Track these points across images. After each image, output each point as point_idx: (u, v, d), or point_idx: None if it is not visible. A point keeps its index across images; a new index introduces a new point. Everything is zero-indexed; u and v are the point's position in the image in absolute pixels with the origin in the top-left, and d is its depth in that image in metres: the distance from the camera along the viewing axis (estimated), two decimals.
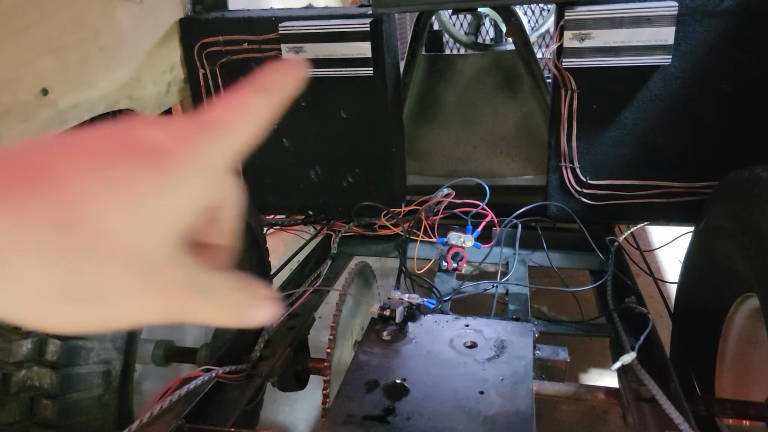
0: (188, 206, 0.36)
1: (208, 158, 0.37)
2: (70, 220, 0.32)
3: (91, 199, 0.33)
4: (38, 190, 0.32)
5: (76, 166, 0.33)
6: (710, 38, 1.68)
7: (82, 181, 0.33)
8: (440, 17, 2.88)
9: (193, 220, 0.37)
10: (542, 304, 2.54)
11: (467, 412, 1.23)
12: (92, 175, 0.33)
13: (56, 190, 0.32)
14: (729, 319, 1.56)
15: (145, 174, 0.34)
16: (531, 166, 2.29)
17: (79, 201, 0.32)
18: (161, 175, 0.35)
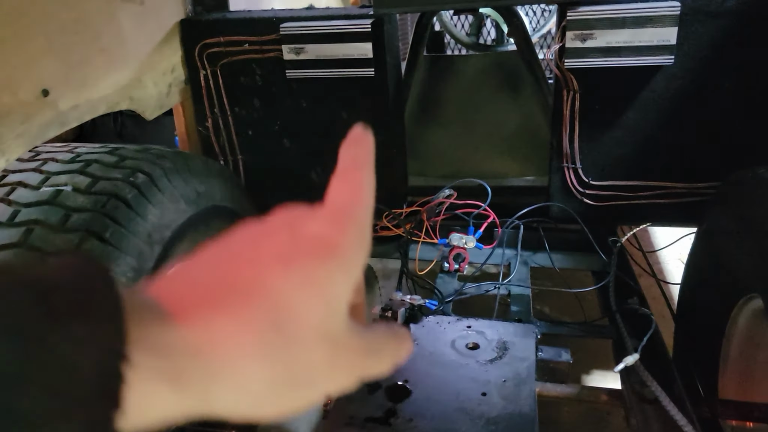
0: (353, 282, 0.42)
1: (358, 238, 0.42)
2: (279, 319, 0.38)
3: (291, 296, 0.38)
4: (250, 298, 0.37)
5: (271, 271, 0.39)
6: (713, 38, 1.67)
7: (281, 283, 0.38)
8: (441, 18, 2.88)
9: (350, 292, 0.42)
10: (544, 306, 2.53)
11: (469, 413, 1.22)
12: (287, 276, 0.38)
13: (264, 295, 0.38)
14: (732, 320, 1.55)
15: (323, 264, 0.40)
16: (533, 166, 2.28)
17: (283, 301, 0.38)
18: (335, 263, 0.40)
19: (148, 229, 1.38)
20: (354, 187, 0.45)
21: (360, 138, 0.48)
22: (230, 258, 0.40)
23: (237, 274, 0.39)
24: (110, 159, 1.46)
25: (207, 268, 0.40)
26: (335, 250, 0.40)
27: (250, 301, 0.37)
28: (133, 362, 0.33)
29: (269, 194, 2.14)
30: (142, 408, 0.35)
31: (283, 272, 0.39)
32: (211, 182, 1.62)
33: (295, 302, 0.38)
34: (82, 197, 1.33)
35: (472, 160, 2.34)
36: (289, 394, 0.39)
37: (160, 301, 0.37)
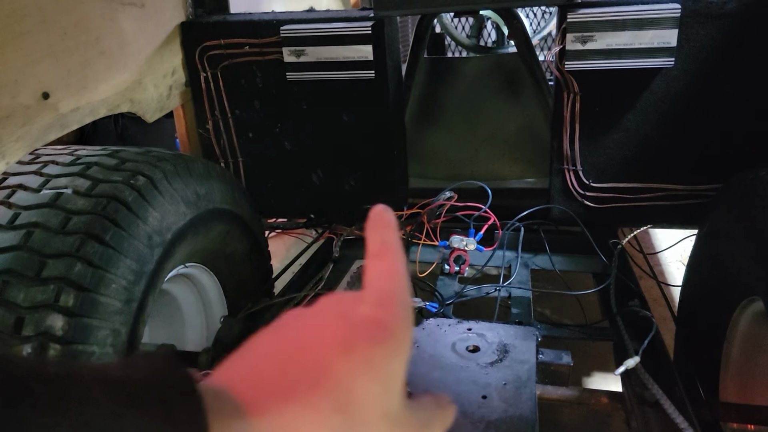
0: (406, 360, 0.44)
1: (405, 317, 0.45)
2: (344, 404, 0.40)
3: (354, 381, 0.40)
4: (317, 386, 0.40)
5: (334, 358, 0.41)
6: (713, 41, 1.67)
7: (343, 370, 0.40)
8: (442, 20, 2.88)
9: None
10: (545, 308, 2.52)
11: (470, 416, 1.22)
12: (348, 362, 0.41)
13: (329, 383, 0.40)
14: (733, 322, 1.55)
15: (380, 347, 0.42)
16: (533, 169, 2.28)
17: (347, 386, 0.40)
18: (389, 344, 0.42)
19: (148, 231, 1.38)
20: (391, 270, 0.47)
21: (383, 219, 0.50)
22: (291, 348, 0.43)
23: (301, 363, 0.41)
24: (110, 161, 1.46)
25: (270, 359, 0.42)
26: (388, 332, 0.43)
27: (317, 389, 0.40)
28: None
29: (270, 197, 2.14)
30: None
31: (345, 358, 0.41)
32: (211, 185, 1.62)
33: (358, 386, 0.40)
34: (82, 200, 1.33)
35: (472, 162, 2.34)
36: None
37: (232, 394, 0.39)
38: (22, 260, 1.21)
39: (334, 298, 0.46)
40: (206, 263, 1.72)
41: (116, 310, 1.28)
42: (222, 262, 1.77)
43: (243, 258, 1.85)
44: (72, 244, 1.24)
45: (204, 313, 1.79)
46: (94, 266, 1.24)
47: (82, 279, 1.22)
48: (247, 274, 1.89)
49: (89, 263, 1.23)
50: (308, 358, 0.41)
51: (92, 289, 1.23)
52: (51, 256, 1.22)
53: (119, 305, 1.29)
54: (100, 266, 1.25)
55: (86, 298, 1.21)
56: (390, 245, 0.48)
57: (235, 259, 1.82)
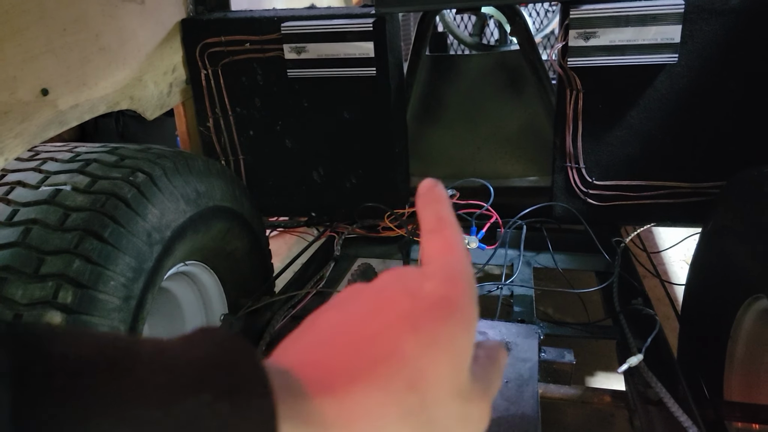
0: (473, 334, 0.43)
1: (471, 292, 0.44)
2: (415, 382, 0.39)
3: (423, 359, 0.39)
4: (386, 365, 0.39)
5: (402, 336, 0.40)
6: (717, 37, 1.66)
7: (412, 347, 0.39)
8: (444, 18, 2.87)
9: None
10: (547, 306, 2.51)
11: None
12: (417, 339, 0.40)
13: (398, 361, 0.39)
14: (738, 320, 1.54)
15: (447, 323, 0.41)
16: (536, 166, 2.27)
17: (416, 364, 0.39)
18: (456, 320, 0.41)
19: (147, 228, 1.37)
20: (451, 244, 0.46)
21: (434, 193, 0.49)
22: (355, 325, 0.42)
23: (367, 341, 0.40)
24: (110, 158, 1.46)
25: (333, 337, 0.41)
26: (456, 309, 0.42)
27: (386, 367, 0.39)
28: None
29: (270, 194, 2.13)
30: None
31: (413, 337, 0.40)
32: (211, 182, 1.61)
33: (428, 364, 0.40)
34: (81, 196, 1.32)
35: (474, 160, 2.33)
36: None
37: (296, 374, 0.38)
38: (21, 257, 1.20)
39: (397, 273, 0.45)
40: (206, 261, 1.71)
41: (115, 307, 1.27)
42: (222, 260, 1.76)
43: (243, 256, 1.84)
44: (71, 240, 1.23)
45: (204, 311, 1.78)
46: (92, 263, 1.23)
47: (81, 276, 1.21)
48: (248, 273, 1.88)
49: (88, 260, 1.23)
50: (374, 336, 0.41)
51: (91, 286, 1.22)
52: (49, 253, 1.22)
53: (118, 302, 1.28)
54: (98, 263, 1.24)
55: (85, 295, 1.21)
56: (445, 219, 0.48)
57: (236, 257, 1.81)
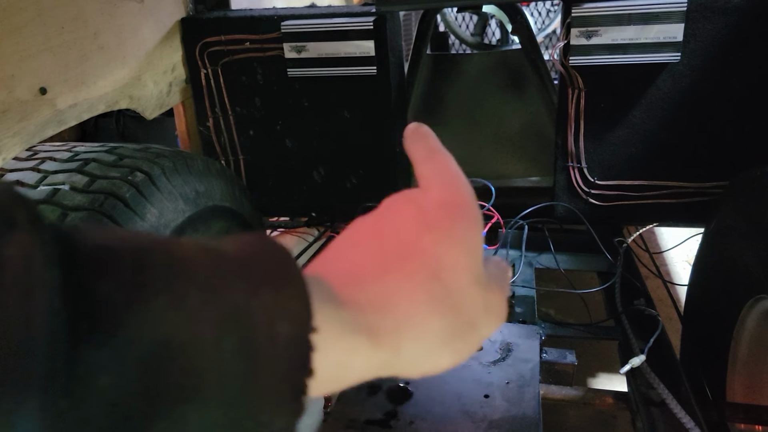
0: (481, 232, 0.46)
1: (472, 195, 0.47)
2: (436, 271, 0.42)
3: (440, 251, 0.42)
4: (408, 259, 0.42)
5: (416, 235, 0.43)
6: (720, 35, 1.65)
7: (428, 243, 0.43)
8: (445, 18, 2.86)
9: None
10: (549, 307, 2.50)
11: (471, 416, 1.20)
12: (431, 236, 0.43)
13: (418, 254, 0.42)
14: (740, 321, 1.53)
15: (456, 221, 0.44)
16: (538, 166, 2.26)
17: (434, 256, 0.42)
18: (464, 218, 0.45)
19: (146, 228, 1.36)
20: (444, 164, 0.49)
21: (419, 131, 0.52)
22: (372, 236, 0.45)
23: (386, 245, 0.43)
24: (108, 158, 1.45)
25: (353, 249, 0.44)
26: (460, 208, 0.45)
27: (408, 261, 0.42)
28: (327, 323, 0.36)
29: (271, 194, 2.12)
30: (345, 364, 0.38)
31: (428, 233, 0.43)
32: (211, 182, 1.60)
33: (445, 255, 0.42)
34: (80, 196, 1.31)
35: (475, 159, 2.32)
36: (460, 339, 0.42)
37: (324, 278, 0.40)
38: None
39: (398, 194, 0.48)
40: None
41: None
42: None
43: None
44: None
45: None
46: None
47: None
48: None
49: None
50: (390, 240, 0.44)
51: None
52: None
53: None
54: None
55: None
56: (435, 149, 0.50)
57: None
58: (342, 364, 0.38)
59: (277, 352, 0.33)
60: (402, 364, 0.41)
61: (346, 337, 0.38)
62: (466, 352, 0.44)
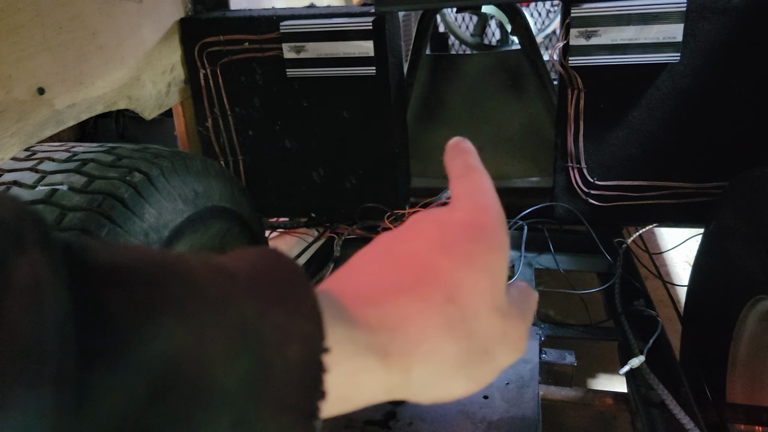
0: (506, 257, 0.45)
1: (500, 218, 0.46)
2: (453, 294, 0.41)
3: (458, 274, 0.41)
4: (425, 281, 0.41)
5: (436, 256, 0.42)
6: (720, 35, 1.65)
7: (447, 265, 0.41)
8: (445, 18, 2.86)
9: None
10: (549, 308, 2.50)
11: (471, 417, 1.20)
12: (450, 258, 0.42)
13: (435, 277, 0.41)
14: (740, 322, 1.53)
15: (478, 244, 0.43)
16: (537, 167, 2.26)
17: (452, 279, 0.41)
18: (487, 241, 0.44)
19: (144, 228, 1.36)
20: (479, 184, 0.48)
21: (461, 146, 0.52)
22: (390, 256, 0.44)
23: (403, 265, 0.42)
24: (107, 158, 1.45)
25: (371, 268, 0.43)
26: (484, 231, 0.44)
27: (424, 282, 0.41)
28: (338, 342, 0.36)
29: (270, 195, 2.12)
30: (355, 385, 0.37)
31: (446, 256, 0.42)
32: (210, 182, 1.60)
33: (462, 278, 0.41)
34: (78, 196, 1.31)
35: None
36: (474, 367, 0.41)
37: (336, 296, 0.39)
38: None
39: (426, 211, 0.47)
40: None
41: None
42: None
43: None
44: None
45: None
46: None
47: None
48: None
49: None
50: (410, 261, 0.42)
51: None
52: None
53: None
54: None
55: None
56: (473, 166, 0.50)
57: None
58: (352, 385, 0.37)
59: (289, 372, 0.33)
60: (413, 387, 0.40)
61: (358, 358, 0.37)
62: (482, 381, 0.43)
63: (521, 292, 0.49)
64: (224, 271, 0.34)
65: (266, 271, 0.35)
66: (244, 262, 0.35)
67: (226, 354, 0.31)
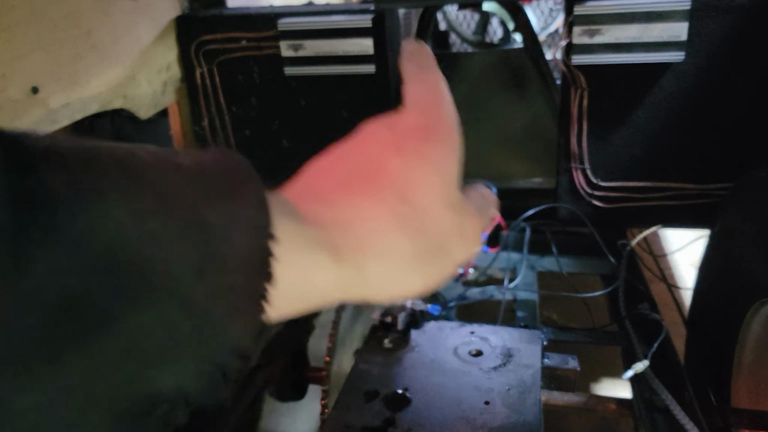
0: (457, 156, 0.47)
1: (450, 119, 0.48)
2: (405, 192, 0.42)
3: (409, 173, 0.43)
4: (376, 180, 0.42)
5: (387, 156, 0.44)
6: (725, 35, 1.63)
7: (398, 164, 0.43)
8: (447, 16, 2.84)
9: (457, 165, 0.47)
10: (552, 311, 2.48)
11: (471, 423, 1.18)
12: (401, 158, 0.43)
13: (386, 176, 0.42)
14: (746, 325, 1.51)
15: (428, 143, 0.45)
16: (540, 167, 2.24)
17: (404, 177, 0.42)
18: (438, 140, 0.45)
19: None
20: (431, 85, 0.49)
21: (417, 49, 0.52)
22: (343, 159, 0.45)
23: (357, 166, 0.44)
24: None
25: (323, 172, 0.45)
26: (435, 131, 0.46)
27: (376, 182, 0.42)
28: (287, 235, 0.36)
29: None
30: (306, 279, 0.37)
31: (397, 156, 0.43)
32: None
33: (414, 177, 0.43)
34: None
35: (476, 160, 2.28)
36: (430, 263, 0.42)
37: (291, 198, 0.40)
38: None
39: (375, 119, 0.48)
40: None
41: None
42: None
43: None
44: None
45: None
46: None
47: None
48: None
49: None
50: (361, 162, 0.44)
51: None
52: None
53: None
54: None
55: None
56: (427, 68, 0.50)
57: None
58: (304, 279, 0.37)
59: (235, 257, 0.33)
60: (368, 284, 0.40)
61: (308, 251, 0.37)
62: (438, 276, 0.44)
63: (481, 193, 0.51)
64: (169, 161, 0.33)
65: (213, 164, 0.35)
66: (191, 156, 0.35)
67: (171, 237, 0.30)
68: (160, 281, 0.29)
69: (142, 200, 0.30)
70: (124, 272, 0.28)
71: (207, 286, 0.31)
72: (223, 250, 0.32)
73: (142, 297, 0.29)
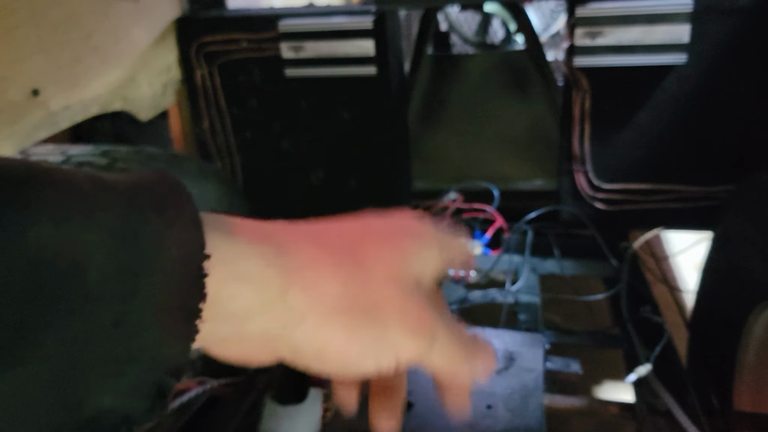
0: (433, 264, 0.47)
1: (441, 237, 0.48)
2: (356, 255, 0.43)
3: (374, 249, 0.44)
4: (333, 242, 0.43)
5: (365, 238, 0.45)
6: (727, 37, 1.62)
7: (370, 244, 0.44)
8: (449, 17, 2.84)
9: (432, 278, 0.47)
10: (554, 314, 2.47)
11: (474, 427, 1.17)
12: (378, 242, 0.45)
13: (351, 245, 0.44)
14: (748, 328, 1.50)
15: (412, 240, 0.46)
16: (542, 169, 2.23)
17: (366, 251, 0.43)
18: (416, 241, 0.46)
19: None
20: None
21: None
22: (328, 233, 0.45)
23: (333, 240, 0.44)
24: (101, 161, 1.42)
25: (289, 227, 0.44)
26: (419, 235, 0.47)
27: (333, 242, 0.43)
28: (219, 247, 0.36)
29: (267, 197, 2.10)
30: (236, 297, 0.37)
31: (363, 234, 0.45)
32: (205, 185, 1.58)
33: (376, 252, 0.43)
34: None
35: (478, 162, 2.29)
36: (359, 325, 0.41)
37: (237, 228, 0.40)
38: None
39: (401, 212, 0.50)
40: None
41: None
42: None
43: None
44: None
45: None
46: None
47: None
48: None
49: None
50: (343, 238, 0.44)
51: None
52: None
53: None
54: None
55: None
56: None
57: None
58: (233, 297, 0.37)
59: (167, 274, 0.33)
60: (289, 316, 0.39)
61: (237, 262, 0.37)
62: (366, 345, 0.41)
63: (472, 335, 0.49)
64: (103, 183, 0.32)
65: (146, 185, 0.35)
66: (125, 177, 0.35)
67: (104, 253, 0.30)
68: (92, 295, 0.29)
69: (74, 219, 0.29)
70: (57, 285, 0.28)
71: (140, 304, 0.31)
72: (156, 267, 0.32)
73: (75, 311, 0.28)
